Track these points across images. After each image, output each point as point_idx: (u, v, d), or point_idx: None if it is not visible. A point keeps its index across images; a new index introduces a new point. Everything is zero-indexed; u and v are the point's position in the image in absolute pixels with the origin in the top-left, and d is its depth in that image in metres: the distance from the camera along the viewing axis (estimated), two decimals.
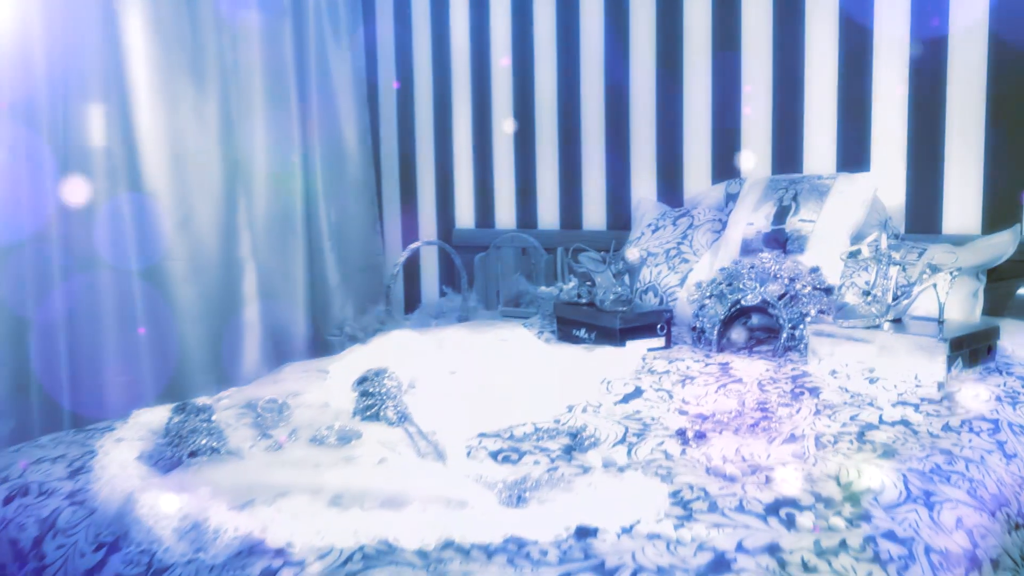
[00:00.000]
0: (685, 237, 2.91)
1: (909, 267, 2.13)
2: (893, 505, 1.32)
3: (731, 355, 2.32)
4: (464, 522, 1.23)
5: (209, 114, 3.24)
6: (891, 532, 1.23)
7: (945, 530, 1.28)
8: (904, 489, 1.36)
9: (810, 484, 1.38)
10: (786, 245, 2.59)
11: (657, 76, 3.26)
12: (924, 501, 1.34)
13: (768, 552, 1.17)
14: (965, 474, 1.45)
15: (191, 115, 3.18)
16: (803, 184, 2.68)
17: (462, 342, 2.38)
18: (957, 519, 1.32)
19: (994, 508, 1.41)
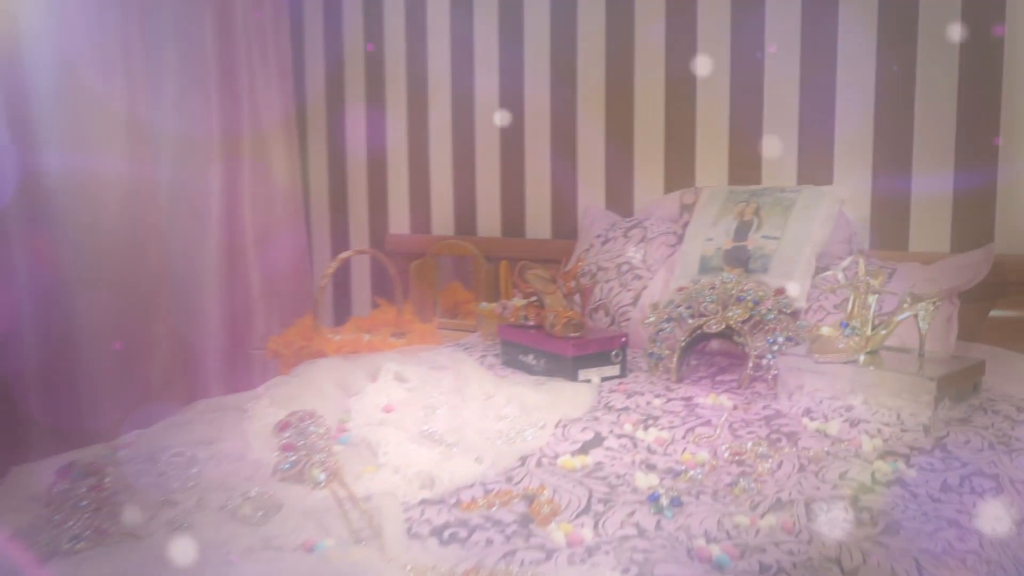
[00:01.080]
0: (638, 251, 2.71)
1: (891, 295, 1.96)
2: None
3: (692, 386, 2.13)
4: None
5: (116, 103, 2.92)
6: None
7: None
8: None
9: (810, 573, 1.18)
10: (748, 264, 2.41)
11: (607, 79, 3.05)
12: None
13: None
14: (981, 553, 1.28)
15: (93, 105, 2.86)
16: (765, 197, 2.50)
17: (398, 372, 2.14)
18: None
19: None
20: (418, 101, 3.46)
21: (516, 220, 3.30)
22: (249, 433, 1.77)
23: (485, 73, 3.30)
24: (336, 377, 2.07)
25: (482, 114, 3.32)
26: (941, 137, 2.51)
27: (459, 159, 3.40)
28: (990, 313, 2.42)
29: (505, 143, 3.29)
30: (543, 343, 2.27)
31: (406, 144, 3.52)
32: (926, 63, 2.51)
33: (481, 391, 2.08)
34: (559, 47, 3.13)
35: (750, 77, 2.78)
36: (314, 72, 3.71)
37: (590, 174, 3.12)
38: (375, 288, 3.64)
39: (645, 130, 2.99)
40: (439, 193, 3.46)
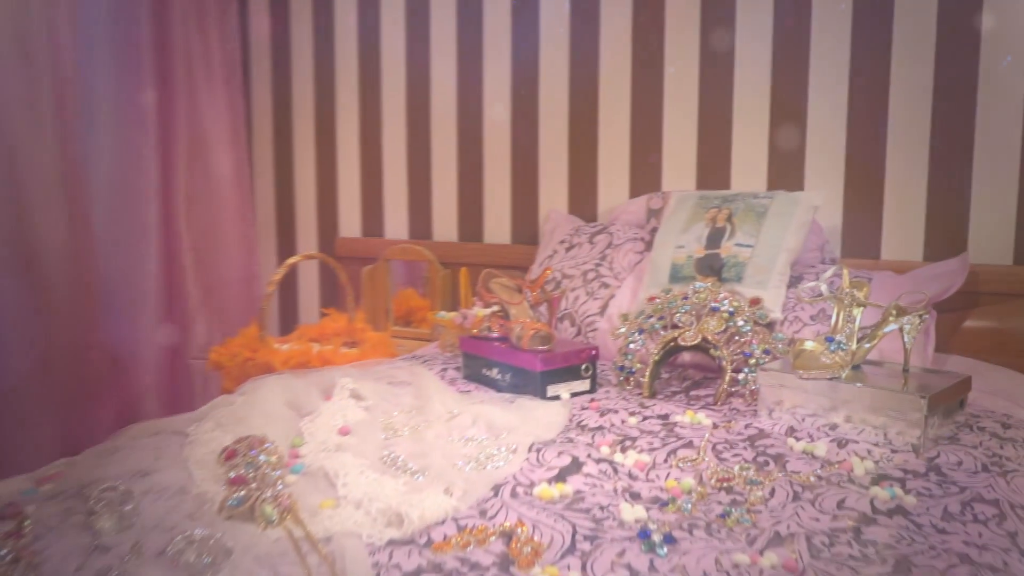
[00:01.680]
0: (604, 257, 2.60)
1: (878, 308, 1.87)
2: None
3: (667, 402, 2.02)
4: None
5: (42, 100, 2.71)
6: None
7: None
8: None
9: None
10: (721, 272, 2.31)
11: (571, 78, 2.93)
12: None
13: None
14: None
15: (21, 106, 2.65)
16: (738, 203, 2.40)
17: (354, 389, 1.99)
18: None
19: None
20: (371, 99, 3.31)
21: (474, 224, 3.17)
22: (191, 462, 1.60)
23: (442, 70, 3.16)
24: (287, 395, 1.92)
25: (439, 113, 3.18)
26: (914, 144, 2.44)
27: (414, 160, 3.25)
28: (964, 323, 2.35)
29: (463, 144, 3.15)
30: (509, 357, 2.14)
31: (357, 144, 3.36)
32: (900, 69, 2.44)
33: (444, 409, 1.95)
34: (520, 47, 3.01)
35: (719, 80, 2.69)
36: (260, 68, 3.53)
37: (552, 177, 3.00)
38: (324, 295, 3.48)
39: (610, 132, 2.88)
40: (393, 195, 3.31)
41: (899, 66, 2.44)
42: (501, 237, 3.13)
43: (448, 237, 3.22)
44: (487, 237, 3.15)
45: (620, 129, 2.86)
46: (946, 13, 2.38)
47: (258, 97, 3.54)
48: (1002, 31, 2.31)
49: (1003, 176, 2.34)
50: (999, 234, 2.36)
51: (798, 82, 2.57)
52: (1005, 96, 2.32)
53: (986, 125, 2.35)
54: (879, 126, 2.48)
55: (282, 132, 3.51)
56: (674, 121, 2.77)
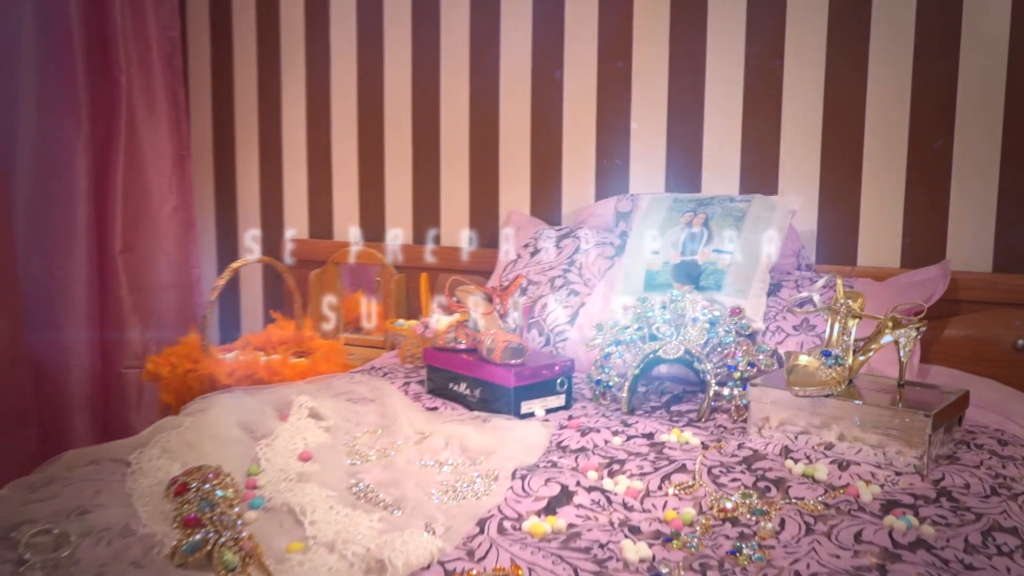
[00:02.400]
0: (572, 263, 2.47)
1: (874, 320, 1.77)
2: None
3: (647, 419, 1.90)
4: None
5: None
6: None
7: None
8: None
9: None
10: (699, 280, 2.20)
11: (533, 72, 2.80)
12: None
13: None
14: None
15: None
16: (714, 207, 2.30)
17: (313, 408, 1.82)
18: None
19: None
20: (319, 92, 3.13)
21: (430, 226, 3.01)
22: (136, 496, 1.43)
23: (396, 63, 3.00)
24: (239, 416, 1.74)
25: (393, 109, 3.01)
26: (892, 148, 2.37)
27: (366, 158, 3.08)
28: (944, 333, 2.29)
29: (419, 142, 2.99)
30: (478, 370, 2.00)
31: (305, 139, 3.17)
32: (878, 70, 2.37)
33: (413, 430, 1.80)
34: (480, 40, 2.86)
35: (689, 79, 2.58)
36: (198, 56, 3.32)
37: (513, 177, 2.87)
38: (268, 300, 3.29)
39: (575, 132, 2.76)
40: (343, 195, 3.14)
41: (876, 67, 2.37)
42: (459, 240, 2.98)
43: (402, 239, 3.06)
44: (444, 239, 3.00)
45: (586, 129, 2.74)
46: (925, 14, 2.31)
47: (196, 87, 3.33)
48: (982, 34, 2.25)
49: (982, 181, 2.28)
50: (978, 240, 2.30)
51: (772, 82, 2.48)
52: (985, 100, 2.26)
53: (965, 129, 2.29)
54: (855, 128, 2.40)
55: (222, 128, 3.30)
56: (643, 121, 2.65)
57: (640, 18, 2.63)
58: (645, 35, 2.63)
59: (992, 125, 2.26)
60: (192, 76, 3.33)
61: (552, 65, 2.76)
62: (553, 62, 2.76)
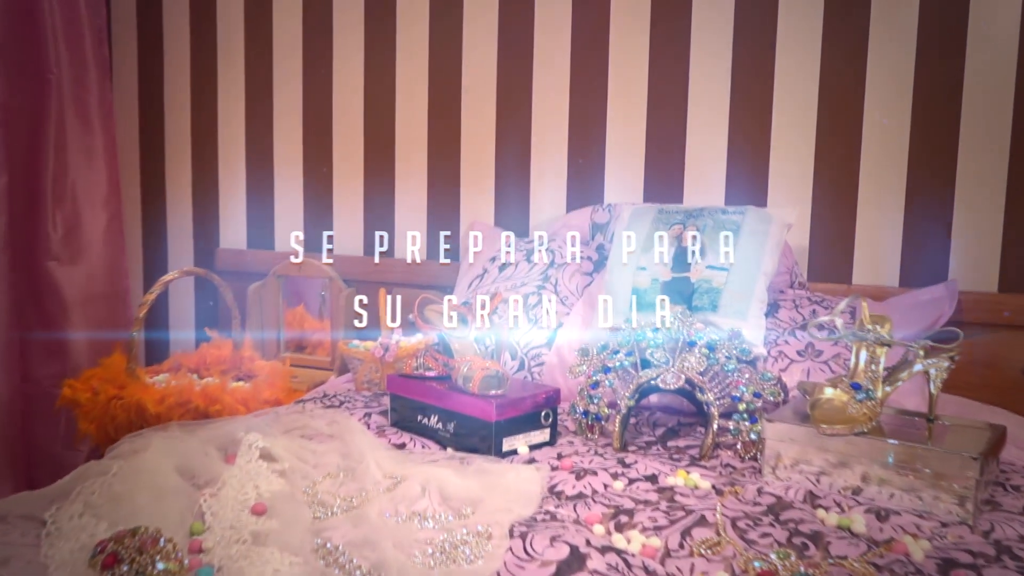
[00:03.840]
0: (547, 279, 2.25)
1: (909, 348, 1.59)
2: None
3: (645, 457, 1.69)
4: None
5: None
6: None
7: None
8: None
9: None
10: (692, 299, 2.00)
11: (500, 73, 2.57)
12: None
13: None
14: None
15: None
16: (705, 218, 2.10)
17: (264, 448, 1.56)
18: None
19: None
20: (260, 88, 2.85)
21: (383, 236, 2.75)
22: (53, 566, 1.15)
23: (347, 58, 2.74)
24: (177, 459, 1.47)
25: (343, 109, 2.76)
26: (891, 159, 2.22)
27: (312, 162, 2.82)
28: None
29: (371, 145, 2.74)
30: (452, 402, 1.76)
31: (243, 141, 2.89)
32: (876, 76, 2.21)
33: (382, 473, 1.54)
34: (439, 31, 2.63)
35: (671, 82, 2.39)
36: (124, 46, 3.01)
37: (476, 185, 2.64)
38: (200, 316, 2.98)
39: (545, 137, 2.54)
40: (286, 202, 2.86)
41: (875, 72, 2.21)
42: (416, 252, 2.72)
43: (351, 251, 2.80)
44: (398, 252, 2.75)
45: (557, 134, 2.53)
46: (927, 17, 2.16)
47: (121, 81, 3.02)
48: (989, 40, 2.11)
49: (988, 195, 2.14)
50: (983, 259, 2.15)
51: (761, 86, 2.31)
52: (991, 108, 2.12)
53: (970, 140, 2.15)
54: (852, 137, 2.24)
55: (150, 126, 3.00)
56: (619, 127, 2.46)
57: (618, 12, 2.43)
58: (623, 31, 2.43)
59: (1000, 135, 2.12)
60: (117, 68, 3.02)
61: (520, 65, 2.54)
62: (522, 61, 2.54)
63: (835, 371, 1.87)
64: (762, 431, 1.61)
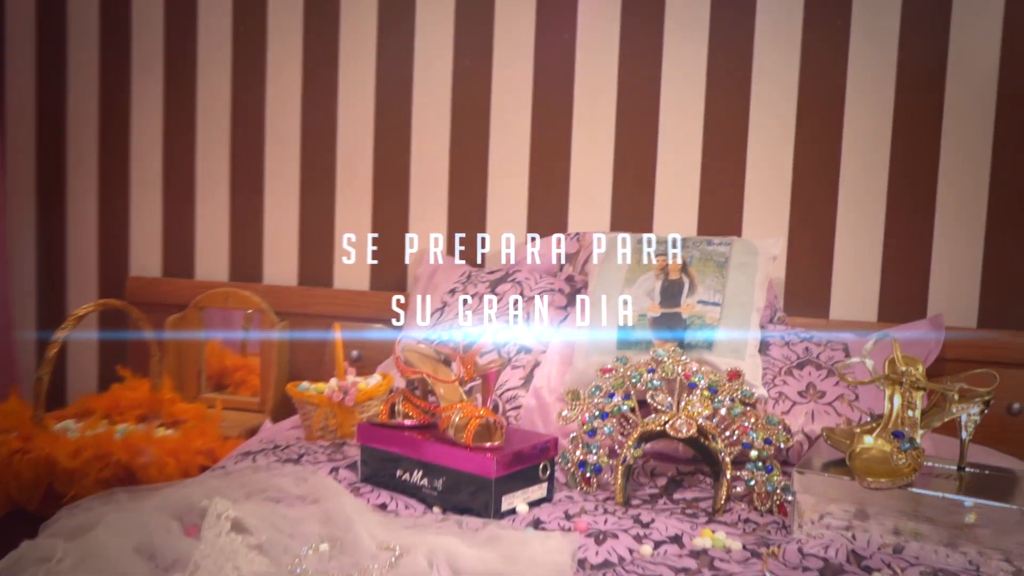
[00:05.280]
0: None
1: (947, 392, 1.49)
2: None
3: (656, 512, 1.53)
4: None
5: None
6: None
7: None
8: None
9: None
10: (685, 336, 1.86)
11: (455, 91, 2.39)
12: None
13: None
14: None
15: None
16: (691, 249, 1.98)
17: (236, 519, 1.32)
18: None
19: None
20: (181, 98, 2.58)
21: (320, 264, 2.52)
22: None
23: (282, 64, 2.50)
24: (135, 537, 1.22)
25: (276, 122, 2.52)
26: (870, 190, 2.15)
27: (240, 182, 2.56)
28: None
29: (309, 163, 2.51)
30: (440, 455, 1.55)
31: (160, 157, 2.60)
32: (856, 104, 2.15)
33: (376, 543, 1.33)
34: (388, 39, 2.43)
35: (641, 102, 2.27)
36: (19, 42, 2.67)
37: (426, 209, 2.44)
38: (105, 353, 2.66)
39: (504, 158, 2.38)
40: (209, 226, 2.59)
41: (854, 104, 2.15)
42: (355, 282, 2.51)
43: (284, 280, 2.55)
44: (338, 281, 2.52)
45: (517, 158, 2.36)
46: (907, 48, 2.11)
47: (16, 84, 2.68)
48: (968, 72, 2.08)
49: (968, 228, 2.10)
50: (962, 293, 2.11)
51: (736, 114, 2.21)
52: (972, 138, 2.09)
53: (949, 173, 2.10)
54: (830, 168, 2.17)
55: (48, 140, 2.66)
56: (585, 151, 2.32)
57: (585, 25, 2.29)
58: (591, 50, 2.29)
59: (979, 168, 2.08)
60: (9, 75, 2.68)
61: (478, 81, 2.37)
62: (479, 77, 2.37)
63: (840, 413, 1.77)
64: (792, 484, 1.47)
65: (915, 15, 2.09)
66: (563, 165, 2.33)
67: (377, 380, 1.96)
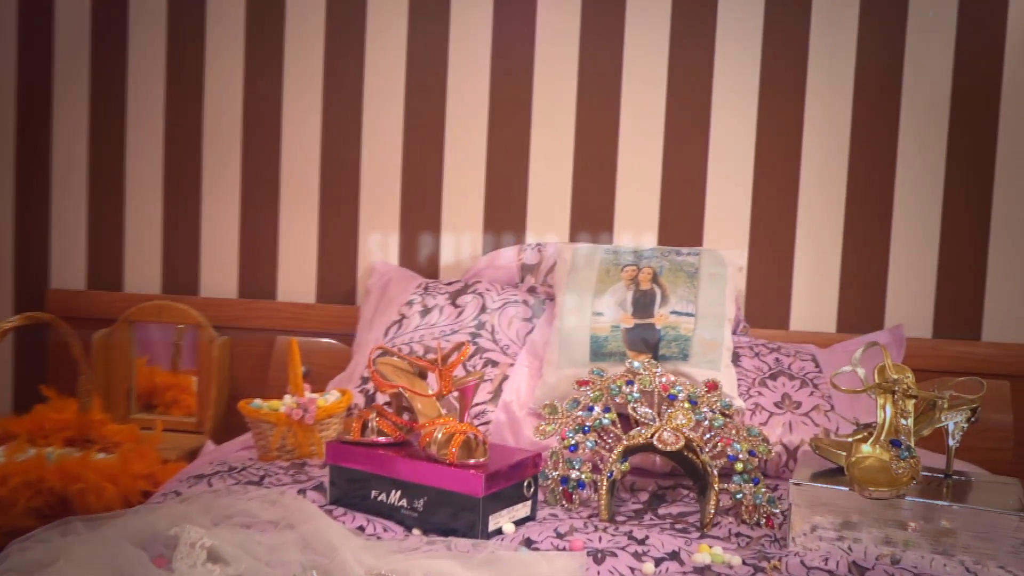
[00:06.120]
0: (482, 325, 2.00)
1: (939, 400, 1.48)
2: None
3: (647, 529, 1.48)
4: None
5: None
6: None
7: None
8: None
9: None
10: (659, 348, 1.82)
11: (408, 94, 2.31)
12: None
13: None
14: None
15: None
16: (659, 260, 1.94)
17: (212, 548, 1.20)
18: None
19: None
20: (110, 92, 2.42)
21: (262, 275, 2.39)
22: None
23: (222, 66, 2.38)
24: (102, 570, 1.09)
25: (215, 121, 2.38)
26: (830, 201, 2.17)
27: (174, 185, 2.41)
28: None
29: (250, 167, 2.38)
30: (420, 474, 1.46)
31: (86, 161, 2.43)
32: (815, 111, 2.16)
33: (365, 570, 1.23)
34: (337, 41, 2.33)
35: (602, 110, 2.24)
36: None
37: (377, 218, 2.34)
38: (21, 372, 2.46)
39: (459, 167, 2.30)
40: (140, 234, 2.43)
41: (812, 115, 2.16)
42: (301, 294, 2.39)
43: (223, 293, 2.41)
44: (282, 294, 2.39)
45: (473, 166, 2.30)
46: (864, 62, 2.14)
47: None
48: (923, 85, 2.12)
49: (923, 240, 2.13)
50: (918, 304, 2.14)
51: (697, 125, 2.20)
52: (927, 152, 2.12)
53: (906, 184, 2.14)
54: (790, 178, 2.18)
55: None
56: (544, 161, 2.27)
57: (544, 29, 2.24)
58: (549, 52, 2.25)
59: (934, 180, 2.12)
60: None
61: (433, 84, 2.29)
62: (434, 80, 2.29)
63: (817, 424, 1.76)
64: (788, 496, 1.44)
65: (872, 27, 2.12)
66: (521, 174, 2.28)
67: (336, 397, 1.85)
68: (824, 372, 1.88)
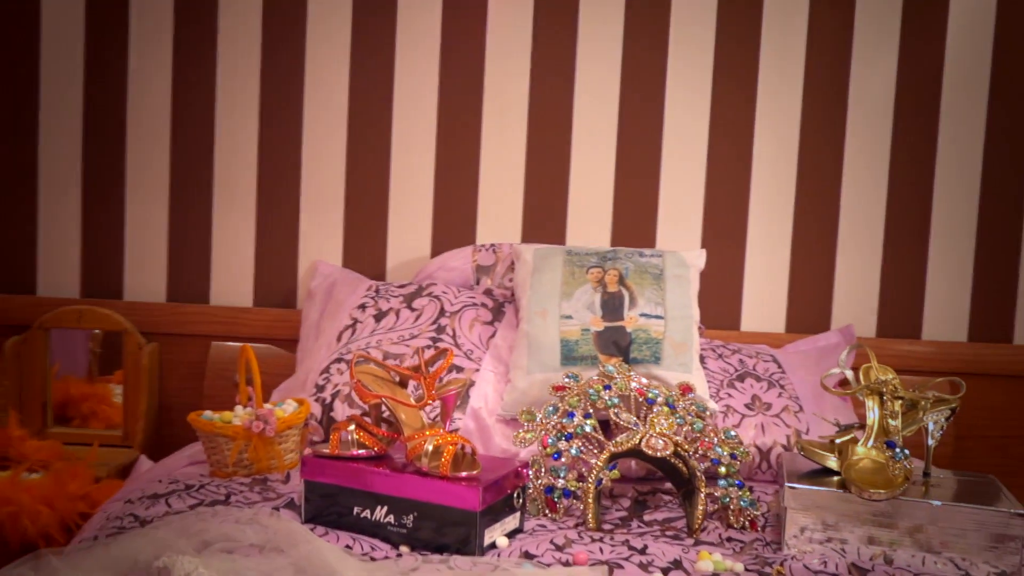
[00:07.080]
0: (441, 329, 1.93)
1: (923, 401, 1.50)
2: None
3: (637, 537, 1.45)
4: None
5: None
6: None
7: None
8: None
9: None
10: (630, 351, 1.80)
11: (352, 88, 2.21)
12: None
13: None
14: None
15: None
16: (623, 261, 1.92)
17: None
18: None
19: None
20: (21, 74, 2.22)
21: (193, 277, 2.25)
22: None
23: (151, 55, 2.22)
24: None
25: (140, 113, 2.22)
26: (779, 204, 2.19)
27: (95, 179, 2.24)
28: None
29: (180, 161, 2.23)
30: (409, 488, 1.39)
31: None
32: (765, 115, 2.18)
33: None
34: (273, 33, 2.21)
35: (555, 107, 2.20)
36: None
37: (319, 216, 2.24)
38: None
39: (408, 165, 2.22)
40: (56, 231, 2.24)
41: (764, 116, 2.18)
42: (237, 297, 2.26)
43: (150, 296, 2.25)
44: (215, 297, 2.25)
45: (422, 163, 2.22)
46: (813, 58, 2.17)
47: None
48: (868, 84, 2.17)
49: (868, 243, 2.19)
50: (863, 304, 2.19)
51: (651, 127, 2.19)
52: (872, 152, 2.17)
53: (852, 184, 2.18)
54: (741, 180, 2.19)
55: None
56: (495, 160, 2.21)
57: (495, 28, 2.19)
58: (500, 50, 2.19)
59: (878, 181, 2.18)
60: None
61: (380, 79, 2.20)
62: (382, 76, 2.20)
63: (788, 425, 1.77)
64: (783, 499, 1.44)
65: (819, 35, 2.16)
66: (471, 174, 2.21)
67: (294, 407, 1.75)
68: (787, 373, 1.90)
